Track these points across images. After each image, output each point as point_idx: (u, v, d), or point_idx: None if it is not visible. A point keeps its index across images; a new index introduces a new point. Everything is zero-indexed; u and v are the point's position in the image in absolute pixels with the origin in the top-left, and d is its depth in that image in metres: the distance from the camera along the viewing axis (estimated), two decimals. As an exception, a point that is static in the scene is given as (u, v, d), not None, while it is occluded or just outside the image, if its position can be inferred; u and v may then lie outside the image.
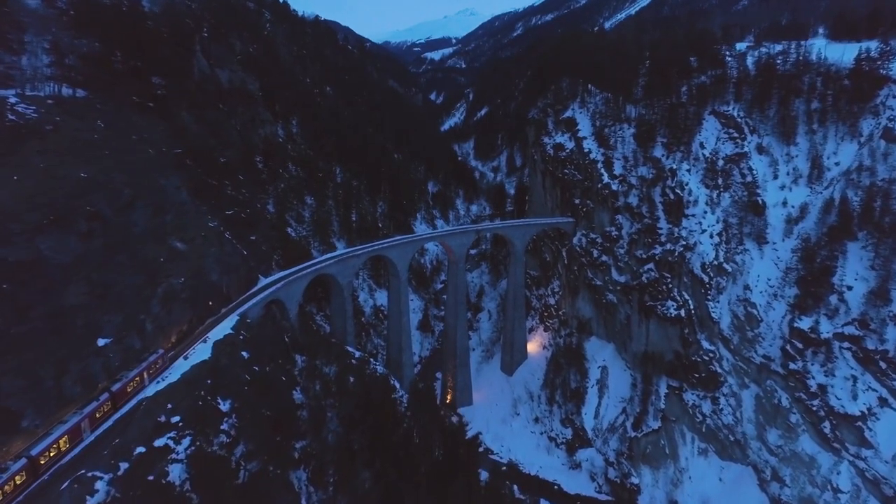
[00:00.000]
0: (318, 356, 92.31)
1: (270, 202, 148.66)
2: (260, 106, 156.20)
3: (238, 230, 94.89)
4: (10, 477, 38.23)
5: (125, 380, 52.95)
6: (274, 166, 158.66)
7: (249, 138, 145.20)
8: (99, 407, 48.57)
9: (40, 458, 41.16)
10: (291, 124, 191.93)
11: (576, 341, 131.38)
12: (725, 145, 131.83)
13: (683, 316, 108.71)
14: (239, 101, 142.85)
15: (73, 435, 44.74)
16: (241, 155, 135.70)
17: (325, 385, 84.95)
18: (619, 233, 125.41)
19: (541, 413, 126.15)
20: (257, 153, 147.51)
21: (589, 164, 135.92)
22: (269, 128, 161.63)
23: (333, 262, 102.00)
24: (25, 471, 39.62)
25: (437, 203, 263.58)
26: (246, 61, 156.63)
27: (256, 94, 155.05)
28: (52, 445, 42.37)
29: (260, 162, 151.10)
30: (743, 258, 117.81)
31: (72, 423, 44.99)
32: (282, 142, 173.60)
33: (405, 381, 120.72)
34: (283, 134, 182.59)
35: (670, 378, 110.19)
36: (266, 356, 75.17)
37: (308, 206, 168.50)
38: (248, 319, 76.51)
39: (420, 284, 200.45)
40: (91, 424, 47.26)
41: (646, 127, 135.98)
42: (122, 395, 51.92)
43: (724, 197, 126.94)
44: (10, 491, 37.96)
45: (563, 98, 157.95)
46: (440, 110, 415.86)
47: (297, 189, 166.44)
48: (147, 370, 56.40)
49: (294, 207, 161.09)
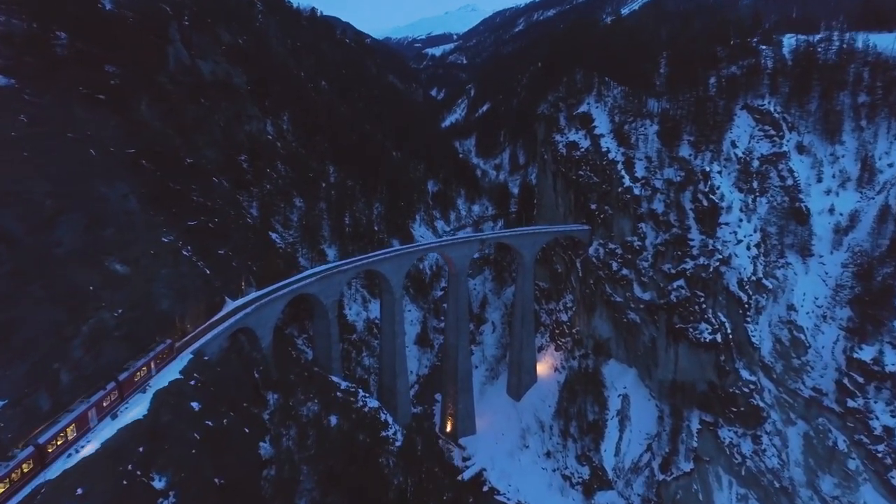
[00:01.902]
0: (295, 393, 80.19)
1: (254, 205, 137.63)
2: (246, 101, 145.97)
3: (203, 244, 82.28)
4: (18, 465, 38.50)
5: (132, 369, 52.90)
6: (261, 166, 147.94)
7: (234, 135, 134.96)
8: (106, 396, 48.57)
9: (48, 446, 41.33)
10: (282, 120, 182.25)
11: (592, 364, 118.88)
12: (760, 144, 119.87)
13: (719, 341, 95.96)
14: (223, 95, 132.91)
15: (80, 423, 45.04)
16: (222, 154, 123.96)
17: (301, 430, 72.78)
18: (643, 243, 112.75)
19: (553, 446, 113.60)
20: (242, 151, 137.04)
21: (607, 165, 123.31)
22: (257, 124, 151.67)
23: (316, 279, 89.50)
24: (33, 459, 39.90)
25: (438, 203, 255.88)
26: (233, 53, 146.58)
27: (243, 87, 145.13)
28: (60, 434, 42.62)
29: (245, 161, 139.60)
30: (785, 273, 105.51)
31: (79, 412, 45.16)
32: (271, 139, 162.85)
33: (399, 412, 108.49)
34: (272, 130, 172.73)
35: (703, 412, 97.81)
36: (226, 402, 62.74)
37: (297, 209, 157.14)
38: (205, 357, 63.94)
39: (418, 293, 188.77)
40: (98, 413, 47.43)
41: (670, 123, 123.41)
42: (128, 385, 51.90)
43: (760, 202, 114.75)
44: (17, 479, 38.36)
45: (576, 91, 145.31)
46: (441, 107, 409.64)
47: (285, 190, 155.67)
48: (154, 360, 56.56)
49: (281, 211, 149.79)
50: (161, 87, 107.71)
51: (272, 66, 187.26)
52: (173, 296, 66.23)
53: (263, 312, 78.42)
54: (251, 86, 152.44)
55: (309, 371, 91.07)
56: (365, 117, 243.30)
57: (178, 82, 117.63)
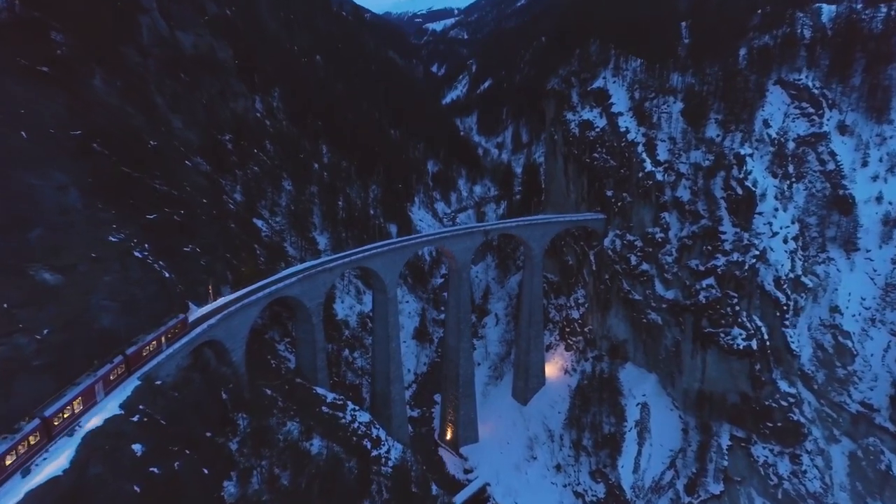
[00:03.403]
0: (272, 412, 70.68)
1: (238, 190, 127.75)
2: (232, 76, 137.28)
3: (164, 241, 71.77)
4: (24, 437, 38.17)
5: (140, 343, 52.54)
6: (247, 146, 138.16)
7: (217, 114, 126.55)
8: (113, 370, 48.26)
9: (54, 419, 41.02)
10: (272, 97, 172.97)
11: (607, 369, 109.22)
12: (797, 123, 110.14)
13: (755, 348, 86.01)
14: (206, 71, 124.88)
15: (86, 397, 44.81)
16: (204, 134, 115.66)
17: (277, 459, 63.45)
18: (666, 235, 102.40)
19: (564, 459, 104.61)
20: (227, 131, 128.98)
21: (626, 148, 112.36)
22: (244, 102, 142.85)
23: (297, 279, 79.28)
24: (39, 431, 39.55)
25: (438, 184, 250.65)
26: (219, 24, 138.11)
27: (229, 62, 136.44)
28: (66, 407, 42.30)
29: (229, 142, 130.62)
30: (826, 270, 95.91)
31: (85, 385, 44.86)
32: (259, 117, 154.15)
33: (394, 421, 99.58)
34: (261, 108, 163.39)
35: (735, 426, 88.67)
36: (182, 438, 52.94)
37: (286, 193, 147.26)
38: (157, 381, 53.96)
39: (417, 282, 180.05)
40: (105, 387, 47.17)
41: (696, 100, 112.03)
42: (136, 359, 51.43)
43: (797, 189, 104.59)
44: (23, 451, 37.96)
45: (591, 65, 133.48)
46: (441, 83, 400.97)
47: (273, 172, 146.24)
48: (165, 335, 55.81)
49: (268, 195, 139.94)
50: (124, 60, 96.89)
51: (263, 40, 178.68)
52: (118, 309, 56.03)
53: (234, 321, 68.53)
54: (238, 60, 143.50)
55: (290, 383, 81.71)
56: (362, 94, 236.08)
57: (150, 55, 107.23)
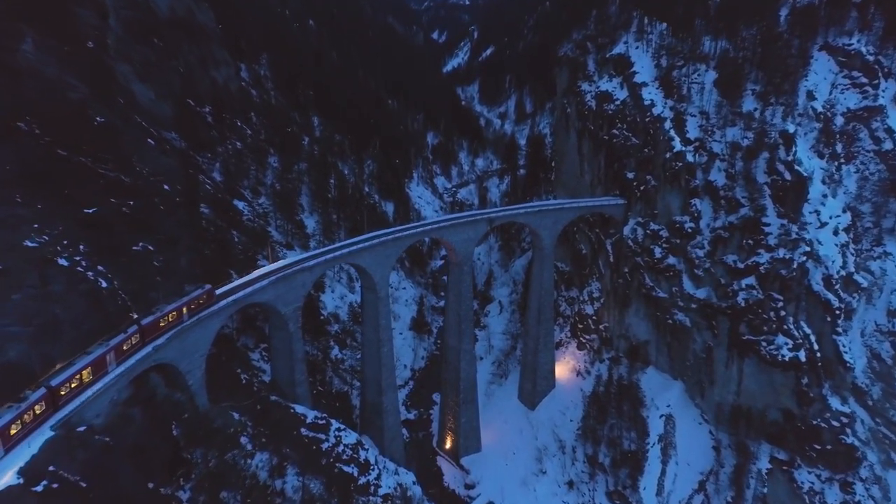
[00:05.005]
0: (236, 443, 60.51)
1: (217, 168, 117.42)
2: (214, 42, 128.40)
3: (106, 240, 60.42)
4: (29, 406, 37.61)
5: (158, 313, 51.36)
6: (229, 119, 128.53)
7: (196, 84, 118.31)
8: (126, 339, 47.23)
9: (60, 388, 40.39)
10: (260, 65, 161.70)
11: (626, 374, 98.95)
12: (846, 95, 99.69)
13: (803, 360, 75.21)
14: (184, 36, 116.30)
15: (97, 367, 44.01)
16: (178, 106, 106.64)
17: (243, 499, 53.89)
18: (696, 225, 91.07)
19: (577, 475, 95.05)
20: (206, 102, 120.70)
21: (650, 123, 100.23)
22: (227, 70, 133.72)
23: (269, 282, 68.15)
24: (45, 401, 39.04)
25: (438, 157, 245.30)
26: None
27: (211, 26, 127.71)
28: (74, 376, 41.62)
29: (209, 114, 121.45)
30: (883, 266, 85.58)
31: (96, 355, 44.07)
32: (244, 86, 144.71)
33: (387, 434, 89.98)
34: (247, 77, 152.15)
35: (776, 447, 78.59)
36: (110, 500, 42.47)
37: (272, 171, 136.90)
38: (79, 429, 43.22)
39: (415, 265, 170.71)
40: (117, 357, 46.29)
41: (731, 68, 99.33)
42: (152, 330, 50.23)
43: (847, 172, 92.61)
44: (29, 420, 37.49)
45: (610, 28, 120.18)
46: (442, 50, 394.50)
47: (258, 148, 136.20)
48: (187, 305, 54.39)
49: (251, 174, 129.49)
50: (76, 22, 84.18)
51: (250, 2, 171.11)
52: (31, 336, 45.28)
53: (190, 339, 57.47)
54: (222, 24, 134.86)
55: (263, 401, 71.18)
56: (358, 62, 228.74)
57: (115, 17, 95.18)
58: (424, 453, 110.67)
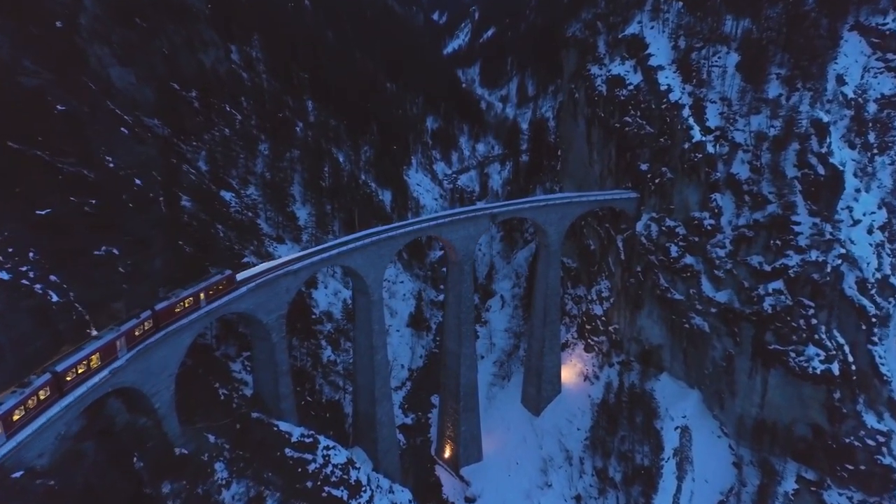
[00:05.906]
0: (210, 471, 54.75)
1: (203, 157, 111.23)
2: (202, 23, 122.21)
3: (63, 244, 54.02)
4: (34, 392, 36.83)
5: (174, 298, 50.33)
6: (217, 104, 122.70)
7: (182, 67, 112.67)
8: (139, 325, 46.22)
9: (66, 374, 39.38)
10: (252, 46, 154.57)
11: (638, 380, 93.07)
12: (880, 80, 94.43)
13: (836, 373, 69.09)
14: (169, 16, 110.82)
15: (106, 353, 42.84)
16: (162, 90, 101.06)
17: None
18: (717, 222, 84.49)
19: (585, 490, 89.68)
20: (193, 87, 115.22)
21: (667, 110, 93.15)
22: (215, 52, 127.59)
23: (247, 288, 61.62)
24: (50, 386, 38.09)
25: (438, 142, 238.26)
26: None
27: (199, 6, 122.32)
28: (81, 362, 40.60)
29: (195, 99, 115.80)
30: None
31: (106, 340, 42.94)
32: (235, 69, 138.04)
33: (380, 446, 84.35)
34: (238, 59, 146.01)
35: (804, 466, 72.62)
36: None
37: (262, 159, 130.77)
38: (15, 475, 37.20)
39: (413, 256, 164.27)
40: (128, 343, 45.11)
41: (755, 50, 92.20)
42: (166, 315, 49.16)
43: (880, 164, 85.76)
44: (33, 406, 36.80)
45: (622, 6, 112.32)
46: (443, 32, 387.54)
47: (248, 135, 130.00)
48: (205, 291, 52.90)
49: (240, 163, 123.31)
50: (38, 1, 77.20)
51: None
52: (-44, 364, 38.95)
53: (155, 357, 50.96)
54: (211, 3, 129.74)
55: (244, 420, 65.23)
56: (355, 44, 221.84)
57: None
58: (422, 462, 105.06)
